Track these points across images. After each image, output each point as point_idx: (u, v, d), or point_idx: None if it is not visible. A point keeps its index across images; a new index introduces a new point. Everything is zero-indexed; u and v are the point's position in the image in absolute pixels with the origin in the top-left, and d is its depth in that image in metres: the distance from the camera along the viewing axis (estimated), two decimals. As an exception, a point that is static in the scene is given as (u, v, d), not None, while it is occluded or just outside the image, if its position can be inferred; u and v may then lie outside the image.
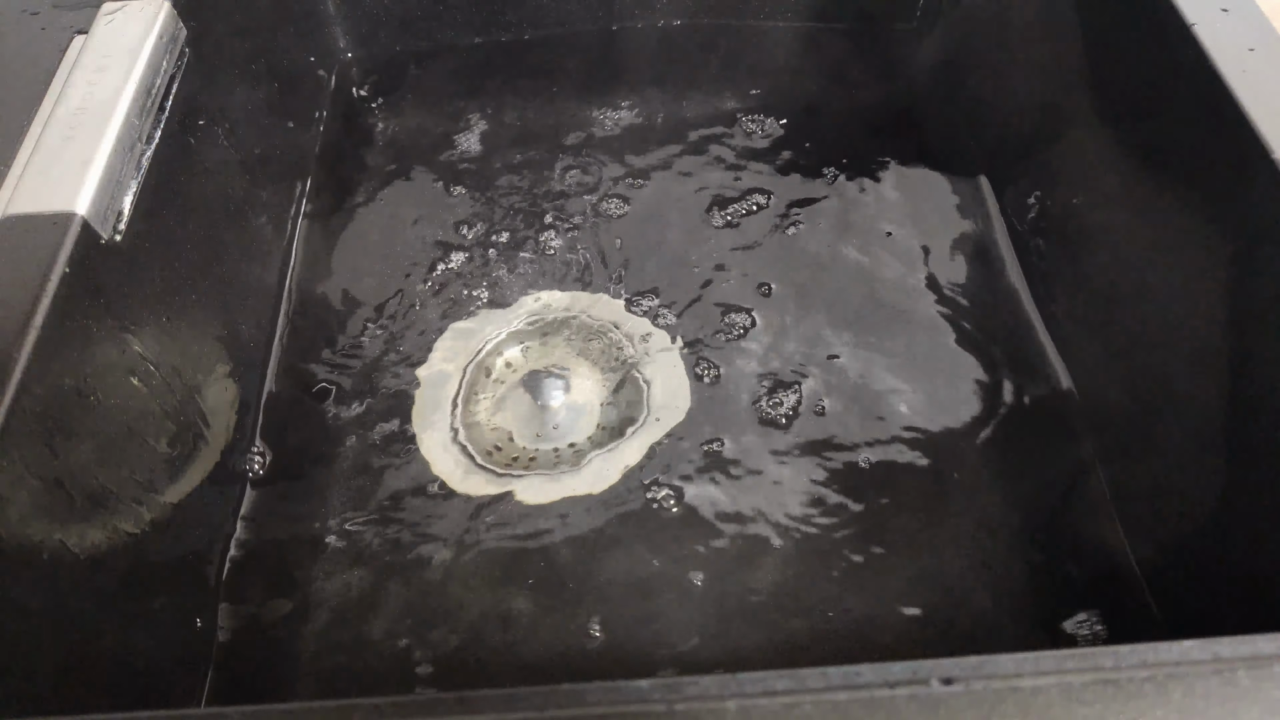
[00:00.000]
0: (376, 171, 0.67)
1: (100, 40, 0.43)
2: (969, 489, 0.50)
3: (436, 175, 0.66)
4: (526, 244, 0.61)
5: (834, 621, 0.46)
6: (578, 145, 0.66)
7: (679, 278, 0.59)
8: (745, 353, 0.56)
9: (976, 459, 0.51)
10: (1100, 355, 0.50)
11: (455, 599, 0.48)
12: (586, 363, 0.56)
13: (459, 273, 0.60)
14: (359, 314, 0.59)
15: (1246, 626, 0.25)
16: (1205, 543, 0.41)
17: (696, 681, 0.24)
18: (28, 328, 0.33)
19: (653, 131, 0.66)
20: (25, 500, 0.32)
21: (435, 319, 0.58)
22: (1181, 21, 0.41)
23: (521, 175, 0.65)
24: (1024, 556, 0.48)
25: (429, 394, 0.55)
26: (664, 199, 0.63)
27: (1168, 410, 0.44)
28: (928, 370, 0.55)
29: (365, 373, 0.56)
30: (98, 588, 0.36)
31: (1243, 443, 0.39)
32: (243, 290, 0.52)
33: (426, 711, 0.23)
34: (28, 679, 0.32)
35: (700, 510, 0.50)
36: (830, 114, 0.68)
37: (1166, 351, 0.44)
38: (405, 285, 0.60)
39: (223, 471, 0.47)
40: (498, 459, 0.53)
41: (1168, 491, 0.44)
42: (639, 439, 0.53)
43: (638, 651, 0.46)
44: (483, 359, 0.56)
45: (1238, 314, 0.38)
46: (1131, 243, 0.47)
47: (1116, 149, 0.48)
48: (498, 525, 0.50)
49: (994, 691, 0.23)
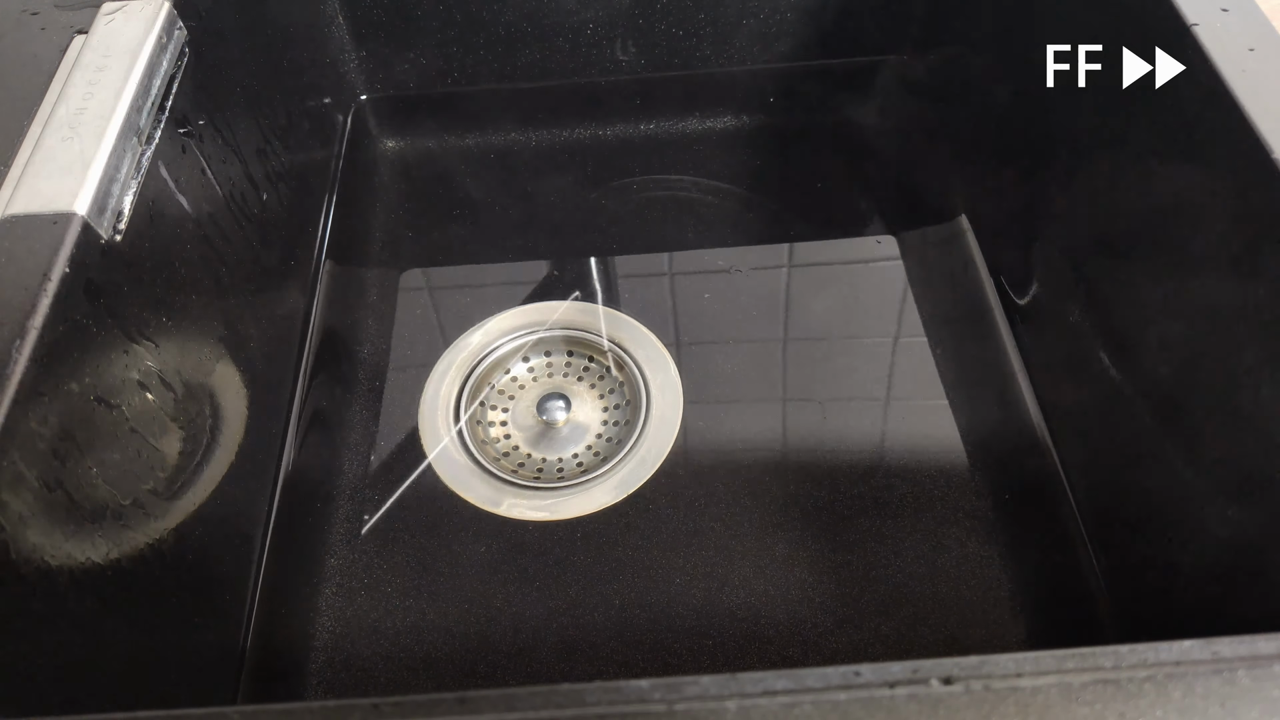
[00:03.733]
0: (387, 173, 0.67)
1: (100, 40, 0.43)
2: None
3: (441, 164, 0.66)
4: (532, 275, 0.61)
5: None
6: (586, 184, 0.67)
7: (683, 306, 0.60)
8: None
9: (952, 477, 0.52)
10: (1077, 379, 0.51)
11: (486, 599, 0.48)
12: (586, 386, 0.57)
13: (464, 290, 0.61)
14: (367, 315, 0.59)
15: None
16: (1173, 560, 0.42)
17: (696, 681, 0.24)
18: (27, 328, 0.33)
19: (648, 168, 0.67)
20: (26, 502, 0.32)
21: (447, 328, 0.59)
22: (1181, 21, 0.41)
23: (531, 214, 0.65)
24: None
25: (437, 402, 0.55)
26: (658, 236, 0.64)
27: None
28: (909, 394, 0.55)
29: (377, 375, 0.56)
30: (109, 595, 0.36)
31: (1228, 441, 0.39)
32: (247, 291, 0.52)
33: (426, 711, 0.23)
34: (55, 683, 0.32)
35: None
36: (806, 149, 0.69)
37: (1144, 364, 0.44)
38: (416, 297, 0.60)
39: (230, 473, 0.47)
40: (504, 465, 0.53)
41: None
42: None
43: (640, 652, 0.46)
44: (490, 373, 0.57)
45: (1236, 316, 0.38)
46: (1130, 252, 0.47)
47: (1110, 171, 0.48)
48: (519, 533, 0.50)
49: (994, 691, 0.23)
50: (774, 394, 0.55)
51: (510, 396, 0.56)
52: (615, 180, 0.67)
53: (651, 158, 0.68)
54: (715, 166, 0.67)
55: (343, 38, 0.67)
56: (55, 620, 0.33)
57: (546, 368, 0.57)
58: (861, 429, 0.53)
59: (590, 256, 0.62)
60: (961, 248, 0.62)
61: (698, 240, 0.63)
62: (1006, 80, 0.58)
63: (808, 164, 0.68)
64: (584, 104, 0.70)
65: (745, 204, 0.65)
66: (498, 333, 0.58)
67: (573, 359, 0.58)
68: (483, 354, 0.57)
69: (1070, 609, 0.48)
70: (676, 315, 0.59)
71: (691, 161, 0.67)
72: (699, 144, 0.69)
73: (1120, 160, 0.47)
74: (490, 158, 0.68)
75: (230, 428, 0.48)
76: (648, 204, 0.65)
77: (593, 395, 0.56)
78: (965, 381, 0.55)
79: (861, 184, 0.66)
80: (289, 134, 0.60)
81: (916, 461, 0.52)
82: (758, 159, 0.68)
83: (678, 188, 0.66)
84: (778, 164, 0.68)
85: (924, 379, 0.56)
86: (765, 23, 0.68)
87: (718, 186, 0.66)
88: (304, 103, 0.63)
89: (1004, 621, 0.47)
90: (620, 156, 0.68)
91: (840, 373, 0.56)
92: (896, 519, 0.50)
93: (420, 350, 0.58)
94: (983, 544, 0.49)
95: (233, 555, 0.47)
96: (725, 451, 0.52)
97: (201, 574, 0.44)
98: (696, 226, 0.64)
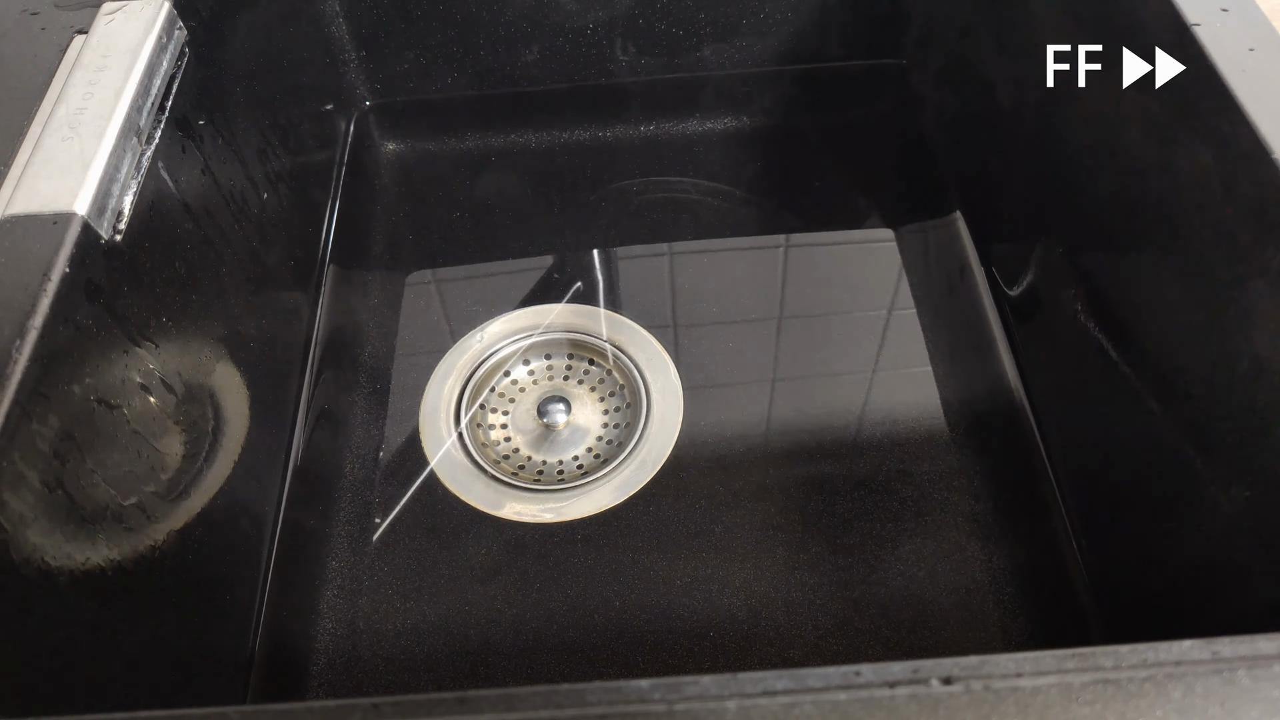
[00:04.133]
0: (388, 175, 0.67)
1: (100, 40, 0.43)
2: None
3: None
4: (533, 278, 0.62)
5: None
6: (585, 186, 0.67)
7: (682, 309, 0.60)
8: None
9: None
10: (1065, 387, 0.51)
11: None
12: (587, 389, 0.57)
13: (466, 293, 0.61)
14: (368, 318, 0.59)
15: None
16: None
17: (696, 681, 0.24)
18: (27, 328, 0.33)
19: (647, 170, 0.68)
20: (26, 502, 0.32)
21: (449, 331, 0.59)
22: (1181, 21, 0.41)
23: (532, 216, 0.65)
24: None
25: (439, 404, 0.55)
26: (659, 239, 0.64)
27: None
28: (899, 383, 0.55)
29: (378, 377, 0.57)
30: (111, 595, 0.36)
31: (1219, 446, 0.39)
32: (247, 292, 0.52)
33: (426, 711, 0.23)
34: (54, 684, 0.32)
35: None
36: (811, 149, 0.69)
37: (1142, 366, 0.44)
38: (419, 295, 0.60)
39: (233, 474, 0.47)
40: (505, 467, 0.53)
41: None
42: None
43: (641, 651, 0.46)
44: (490, 375, 0.57)
45: (1236, 315, 0.38)
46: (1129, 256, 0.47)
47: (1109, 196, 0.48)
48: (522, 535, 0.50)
49: (994, 691, 0.23)
50: (774, 398, 0.55)
51: (511, 399, 0.56)
52: (615, 182, 0.67)
53: (651, 160, 0.68)
54: (715, 168, 0.67)
55: (343, 38, 0.67)
56: (56, 621, 0.33)
57: (547, 370, 0.57)
58: (862, 434, 0.53)
59: (591, 259, 0.62)
60: (957, 245, 0.62)
61: (699, 243, 0.63)
62: (1006, 81, 0.58)
63: (807, 165, 0.68)
64: (585, 106, 0.70)
65: (745, 205, 0.65)
66: (499, 335, 0.58)
67: (573, 361, 0.58)
68: (484, 357, 0.57)
69: (1061, 608, 0.48)
70: (677, 318, 0.59)
71: (692, 163, 0.67)
72: (699, 145, 0.69)
73: (1120, 160, 0.47)
74: (490, 159, 0.68)
75: (232, 428, 0.48)
76: (647, 206, 0.65)
77: (593, 398, 0.56)
78: (962, 389, 0.55)
79: (861, 184, 0.66)
80: (289, 134, 0.60)
81: (916, 465, 0.52)
82: (757, 160, 0.68)
83: (678, 189, 0.66)
84: (777, 165, 0.68)
85: (921, 386, 0.55)
86: (765, 22, 0.68)
87: (717, 188, 0.66)
88: (304, 103, 0.63)
89: (1004, 623, 0.47)
90: (620, 158, 0.68)
91: (841, 377, 0.56)
92: (897, 522, 0.50)
93: (422, 353, 0.58)
94: (982, 546, 0.49)
95: (236, 557, 0.47)
96: (725, 454, 0.52)
97: (206, 576, 0.44)
98: (697, 229, 0.64)
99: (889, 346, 0.57)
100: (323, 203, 0.64)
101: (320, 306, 0.59)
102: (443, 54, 0.68)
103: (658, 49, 0.68)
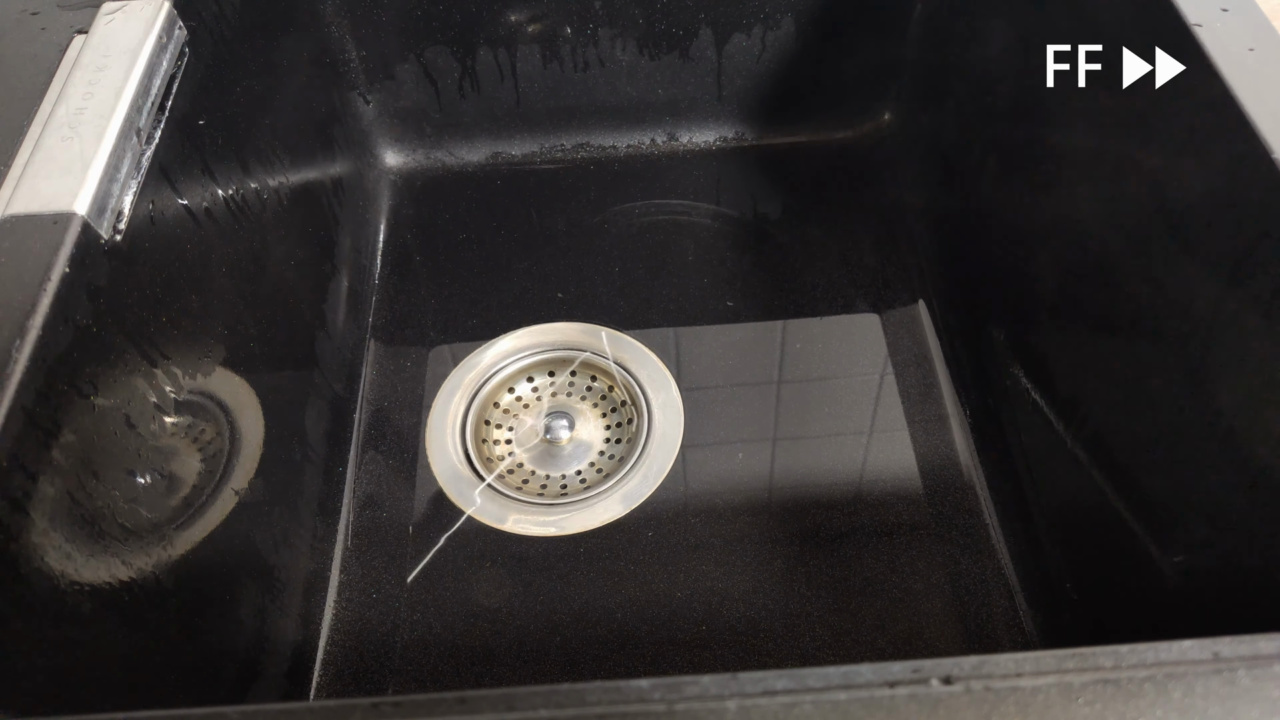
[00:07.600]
0: (387, 180, 0.67)
1: (100, 40, 0.43)
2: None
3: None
4: (537, 296, 0.62)
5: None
6: (588, 207, 0.67)
7: (685, 329, 0.60)
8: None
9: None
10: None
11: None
12: (589, 404, 0.57)
13: (471, 308, 0.61)
14: (372, 334, 0.59)
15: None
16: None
17: (696, 681, 0.24)
18: (27, 328, 0.33)
19: (650, 194, 0.68)
20: (26, 502, 0.32)
21: (455, 348, 0.59)
22: (1182, 21, 0.41)
23: (536, 234, 0.65)
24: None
25: (445, 420, 0.56)
26: (661, 258, 0.63)
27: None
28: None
29: (384, 391, 0.56)
30: (114, 595, 0.36)
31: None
32: (248, 292, 0.52)
33: (426, 711, 0.23)
34: (56, 684, 0.32)
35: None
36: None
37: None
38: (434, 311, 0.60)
39: (235, 476, 0.47)
40: (509, 481, 0.53)
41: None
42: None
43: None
44: (495, 392, 0.57)
45: (1236, 314, 0.38)
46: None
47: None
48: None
49: (994, 691, 0.23)
50: (774, 413, 0.55)
51: (515, 415, 0.56)
52: (618, 204, 0.67)
53: (653, 181, 0.68)
54: (717, 190, 0.67)
55: (344, 38, 0.67)
56: (56, 621, 0.33)
57: (550, 387, 0.58)
58: (858, 449, 0.53)
59: (594, 278, 0.62)
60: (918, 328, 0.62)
61: (699, 262, 0.63)
62: (1005, 82, 0.58)
63: (809, 182, 0.67)
64: (590, 124, 0.69)
65: (744, 225, 0.65)
66: (503, 353, 0.58)
67: (576, 378, 0.58)
68: (489, 374, 0.57)
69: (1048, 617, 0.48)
70: (678, 335, 0.59)
71: (692, 186, 0.67)
72: (700, 166, 0.68)
73: (1120, 160, 0.47)
74: (493, 174, 0.68)
75: (232, 427, 0.48)
76: (649, 227, 0.65)
77: (595, 414, 0.56)
78: (959, 398, 0.55)
79: (853, 201, 0.66)
80: (290, 134, 0.60)
81: (911, 481, 0.52)
82: (756, 181, 0.68)
83: (678, 211, 0.66)
84: (778, 184, 0.68)
85: (922, 384, 0.56)
86: (758, 42, 0.67)
87: (719, 211, 0.66)
88: (305, 103, 0.63)
89: (998, 635, 0.47)
90: (622, 179, 0.68)
91: (841, 379, 0.56)
92: (892, 535, 0.50)
93: (428, 369, 0.58)
94: (975, 560, 0.49)
95: (240, 561, 0.47)
96: (726, 469, 0.52)
97: (207, 578, 0.44)
98: (697, 249, 0.63)
99: (894, 349, 0.57)
100: (323, 202, 0.64)
101: (323, 307, 0.59)
102: (444, 54, 0.68)
103: (659, 56, 0.68)
